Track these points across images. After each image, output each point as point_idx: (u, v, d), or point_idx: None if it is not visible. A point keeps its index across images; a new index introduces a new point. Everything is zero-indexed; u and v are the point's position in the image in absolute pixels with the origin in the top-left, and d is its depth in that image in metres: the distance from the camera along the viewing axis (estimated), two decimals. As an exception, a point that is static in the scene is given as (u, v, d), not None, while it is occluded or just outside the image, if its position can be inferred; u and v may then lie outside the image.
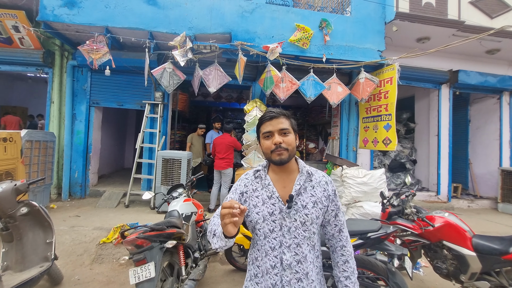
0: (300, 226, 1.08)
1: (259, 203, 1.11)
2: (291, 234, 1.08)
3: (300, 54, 5.07)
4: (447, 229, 2.58)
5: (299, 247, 1.07)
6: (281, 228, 1.08)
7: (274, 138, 1.09)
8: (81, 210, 4.86)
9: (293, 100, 9.81)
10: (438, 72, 6.22)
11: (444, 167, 6.46)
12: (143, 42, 4.68)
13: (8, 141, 3.59)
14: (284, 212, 1.08)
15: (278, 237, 1.08)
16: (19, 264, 2.40)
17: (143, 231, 2.03)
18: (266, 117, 1.12)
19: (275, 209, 1.09)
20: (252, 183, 1.16)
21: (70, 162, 5.50)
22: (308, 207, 1.10)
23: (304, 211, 1.09)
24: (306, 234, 1.08)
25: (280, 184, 1.14)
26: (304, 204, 1.10)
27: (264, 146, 1.12)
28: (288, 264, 1.06)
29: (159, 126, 5.55)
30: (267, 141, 1.11)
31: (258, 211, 1.11)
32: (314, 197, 1.12)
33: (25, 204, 2.44)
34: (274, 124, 1.10)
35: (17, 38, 5.02)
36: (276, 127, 1.10)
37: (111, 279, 3.00)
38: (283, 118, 1.12)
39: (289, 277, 1.06)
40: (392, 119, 5.18)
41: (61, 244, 3.53)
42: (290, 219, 1.08)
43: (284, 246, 1.07)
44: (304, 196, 1.11)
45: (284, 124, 1.11)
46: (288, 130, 1.11)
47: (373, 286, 2.24)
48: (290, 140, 1.10)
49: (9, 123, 7.60)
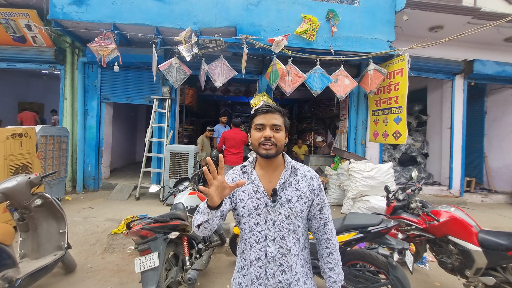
0: (284, 220, 1.10)
1: (245, 197, 1.14)
2: (275, 227, 1.10)
3: (306, 47, 5.00)
4: (452, 223, 2.54)
5: (283, 240, 1.10)
6: (266, 222, 1.11)
7: (265, 132, 1.10)
8: (94, 202, 5.06)
9: (300, 93, 9.73)
10: (451, 62, 5.98)
11: (457, 160, 6.27)
12: (149, 38, 4.74)
13: (23, 137, 3.76)
14: (269, 206, 1.11)
15: (263, 230, 1.11)
16: (35, 252, 2.55)
17: (147, 222, 2.12)
18: (262, 110, 1.13)
19: (260, 203, 1.11)
20: (239, 178, 1.19)
21: (83, 156, 5.71)
22: (293, 201, 1.12)
23: (288, 205, 1.11)
24: (290, 227, 1.11)
25: (266, 179, 1.16)
26: (288, 198, 1.12)
27: (253, 137, 1.14)
28: (272, 257, 1.09)
29: (167, 120, 5.65)
30: (257, 133, 1.12)
31: (244, 205, 1.13)
32: (299, 191, 1.14)
33: (39, 196, 2.57)
34: (268, 118, 1.12)
35: (30, 36, 5.19)
36: (269, 122, 1.11)
37: (121, 267, 3.14)
38: (278, 115, 1.14)
39: (273, 270, 1.09)
40: (402, 111, 5.05)
41: (75, 234, 3.72)
42: (275, 212, 1.11)
43: (269, 239, 1.10)
44: (289, 190, 1.13)
45: (277, 120, 1.12)
46: (280, 128, 1.13)
47: (374, 280, 2.25)
48: (280, 137, 1.12)
49: (25, 119, 7.92)
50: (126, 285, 2.78)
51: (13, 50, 5.40)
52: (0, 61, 5.56)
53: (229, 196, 1.17)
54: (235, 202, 1.16)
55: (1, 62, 5.58)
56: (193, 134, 8.75)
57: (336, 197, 5.48)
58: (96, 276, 2.94)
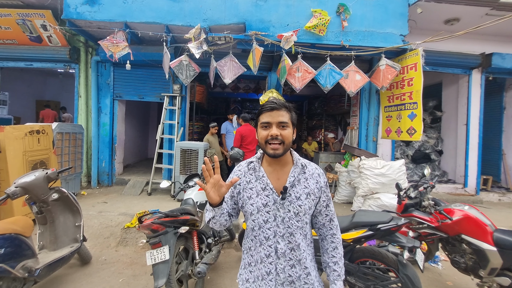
0: (293, 217, 1.10)
1: (253, 194, 1.13)
2: (284, 224, 1.10)
3: (316, 42, 4.93)
4: (466, 222, 2.47)
5: (292, 236, 1.11)
6: (275, 219, 1.11)
7: (272, 130, 1.08)
8: (108, 197, 5.22)
9: (311, 90, 9.62)
10: (468, 56, 5.76)
11: (473, 158, 6.07)
12: (160, 36, 4.80)
13: (41, 133, 3.91)
14: (278, 203, 1.11)
15: (273, 227, 1.11)
16: (53, 244, 2.67)
17: (158, 217, 2.17)
18: (267, 108, 1.11)
19: (269, 200, 1.11)
20: (246, 175, 1.18)
21: (97, 152, 5.88)
22: (302, 199, 1.12)
23: (297, 202, 1.11)
24: (299, 224, 1.11)
25: (274, 176, 1.15)
26: (297, 195, 1.12)
27: (260, 135, 1.12)
28: (282, 253, 1.10)
29: (177, 117, 5.73)
30: (264, 132, 1.10)
31: (252, 203, 1.13)
32: (308, 189, 1.13)
33: (56, 191, 2.67)
34: (273, 115, 1.09)
35: (45, 36, 5.36)
36: (275, 119, 1.09)
37: (134, 260, 3.24)
38: (284, 111, 1.11)
39: (283, 265, 1.10)
40: (418, 107, 4.91)
41: (90, 228, 3.85)
42: (284, 210, 1.11)
43: (278, 236, 1.11)
44: (298, 188, 1.13)
45: (284, 117, 1.09)
46: (287, 124, 1.10)
47: (383, 277, 2.23)
48: (288, 134, 1.10)
49: (46, 116, 8.23)
50: (139, 277, 2.86)
51: (30, 49, 5.60)
52: (19, 60, 5.79)
53: (233, 195, 1.18)
54: (242, 199, 1.16)
55: (19, 62, 5.81)
56: (203, 131, 8.83)
57: (346, 194, 5.43)
58: (111, 268, 3.04)
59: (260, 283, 1.12)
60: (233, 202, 1.19)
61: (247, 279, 1.17)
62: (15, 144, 3.55)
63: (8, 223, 2.18)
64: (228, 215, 1.17)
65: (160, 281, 1.99)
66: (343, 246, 2.33)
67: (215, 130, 6.06)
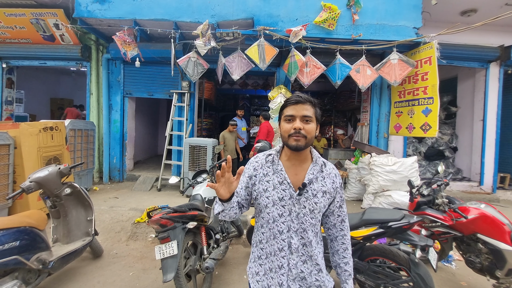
0: (308, 213, 1.11)
1: (269, 187, 1.13)
2: (299, 219, 1.11)
3: (326, 36, 4.84)
4: (482, 221, 2.38)
5: (305, 232, 1.11)
6: (290, 214, 1.11)
7: (295, 123, 1.07)
8: (119, 192, 5.32)
9: (320, 86, 9.51)
10: (486, 48, 5.52)
11: (490, 155, 5.85)
12: (168, 33, 4.82)
13: (54, 130, 4.01)
14: (295, 199, 1.11)
15: (287, 221, 1.11)
16: (66, 237, 2.74)
17: (167, 212, 2.19)
18: (292, 101, 1.10)
19: (286, 195, 1.11)
20: (263, 167, 1.17)
21: (109, 148, 6.00)
22: (318, 196, 1.12)
23: (314, 200, 1.11)
24: (312, 221, 1.12)
25: (292, 171, 1.15)
26: (314, 193, 1.12)
27: (283, 128, 1.11)
28: (296, 248, 1.11)
29: (186, 114, 5.77)
30: (287, 125, 1.10)
31: (268, 195, 1.13)
32: (324, 188, 1.14)
33: (69, 186, 2.73)
34: (298, 109, 1.09)
35: (58, 35, 5.48)
36: (299, 113, 1.08)
37: (144, 254, 3.29)
38: (309, 105, 1.10)
39: (295, 260, 1.11)
40: (434, 102, 4.76)
41: (102, 222, 3.94)
42: (299, 205, 1.11)
43: (292, 231, 1.11)
44: (315, 186, 1.13)
45: (308, 111, 1.09)
46: (311, 119, 1.09)
47: (394, 276, 2.18)
48: (311, 128, 1.09)
49: (70, 113, 8.46)
50: (149, 271, 2.91)
51: (44, 48, 5.74)
52: (33, 59, 5.95)
53: (248, 186, 1.18)
54: (257, 191, 1.16)
55: (34, 60, 5.97)
56: (212, 127, 8.87)
57: (356, 191, 5.34)
58: (121, 261, 3.11)
59: (272, 275, 1.13)
60: (247, 193, 1.18)
61: (257, 272, 1.18)
62: (30, 140, 3.65)
63: (23, 217, 2.25)
64: (238, 207, 1.16)
65: (169, 275, 2.01)
66: (352, 244, 2.31)
67: (233, 128, 5.91)
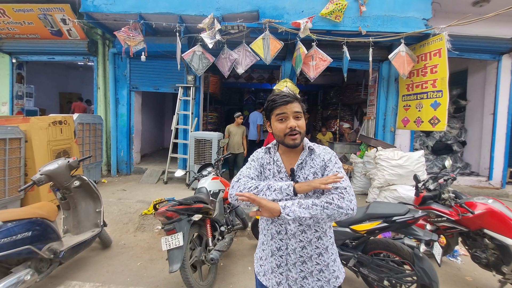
0: (302, 197, 1.13)
1: (270, 175, 1.23)
2: None
3: (332, 29, 4.76)
4: (489, 216, 2.36)
5: None
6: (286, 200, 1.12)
7: (289, 122, 1.14)
8: (127, 185, 5.42)
9: (326, 79, 9.40)
10: (498, 40, 5.34)
11: (499, 149, 5.73)
12: (173, 27, 4.81)
13: (63, 124, 4.09)
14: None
15: None
16: (76, 228, 2.82)
17: (172, 204, 2.23)
18: (281, 102, 1.16)
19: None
20: (264, 158, 1.28)
21: (116, 142, 6.09)
22: (309, 179, 1.17)
23: None
24: None
25: (287, 161, 1.24)
26: (305, 176, 1.18)
27: (277, 128, 1.17)
28: (292, 234, 1.15)
29: (192, 108, 5.79)
30: (280, 124, 1.16)
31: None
32: (313, 168, 1.19)
33: (77, 178, 2.81)
34: (289, 108, 1.16)
35: (65, 30, 5.53)
36: (291, 111, 1.15)
37: (151, 245, 3.37)
38: (297, 103, 1.17)
39: (294, 246, 1.16)
40: (443, 96, 4.65)
41: (110, 214, 4.03)
42: None
43: None
44: (305, 169, 1.19)
45: (298, 108, 1.17)
46: (301, 114, 1.18)
47: (398, 270, 2.18)
48: (303, 124, 1.18)
49: (77, 108, 8.62)
50: (156, 261, 2.98)
51: (52, 43, 5.81)
52: (41, 54, 6.04)
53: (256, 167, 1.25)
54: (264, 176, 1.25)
55: (42, 55, 6.05)
56: (217, 121, 8.89)
57: (362, 185, 5.32)
58: (129, 252, 3.19)
59: (270, 259, 1.19)
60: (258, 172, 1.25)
61: (260, 257, 1.26)
62: (40, 134, 3.74)
63: (34, 208, 2.32)
64: None
65: (175, 266, 2.06)
66: (356, 238, 2.32)
67: (240, 119, 5.60)
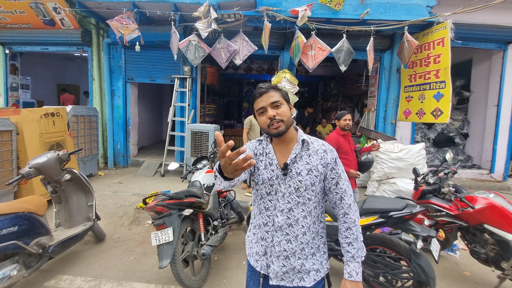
0: (294, 192, 1.15)
1: (261, 167, 1.21)
2: (285, 199, 1.16)
3: (332, 17, 4.59)
4: (490, 211, 2.29)
5: (291, 211, 1.15)
6: (276, 193, 1.17)
7: (268, 113, 1.14)
8: (123, 178, 5.38)
9: (326, 70, 9.22)
10: (505, 28, 5.14)
11: (502, 142, 5.61)
12: (168, 15, 4.65)
13: (55, 116, 4.01)
14: (280, 179, 1.16)
15: (273, 200, 1.18)
16: (68, 222, 2.78)
17: (162, 199, 2.16)
18: (257, 94, 1.18)
19: (273, 175, 1.17)
20: (256, 149, 1.26)
21: (112, 134, 6.02)
22: (302, 174, 1.14)
23: (298, 178, 1.14)
24: (300, 199, 1.15)
25: (280, 153, 1.21)
26: (298, 171, 1.15)
27: (260, 122, 1.18)
28: (279, 226, 1.16)
29: (188, 100, 5.68)
30: (262, 117, 1.17)
31: (259, 174, 1.21)
32: (309, 165, 1.15)
33: (68, 171, 2.74)
34: (265, 99, 1.15)
35: (58, 19, 5.37)
36: (267, 102, 1.15)
37: (145, 239, 3.34)
38: (273, 92, 1.16)
39: (279, 238, 1.17)
40: (446, 86, 4.51)
41: (105, 207, 4.00)
42: (285, 185, 1.16)
43: (277, 210, 1.17)
44: (299, 164, 1.16)
45: (274, 97, 1.15)
46: (280, 102, 1.15)
47: (394, 266, 2.13)
48: (284, 111, 1.15)
49: (67, 100, 8.53)
50: (149, 255, 2.95)
51: (45, 33, 5.66)
52: (35, 44, 5.90)
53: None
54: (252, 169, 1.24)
55: (35, 46, 5.92)
56: (216, 113, 8.79)
57: (361, 178, 5.23)
58: (123, 245, 3.16)
59: (255, 244, 1.25)
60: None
61: (251, 240, 1.30)
62: (32, 126, 3.66)
63: (21, 202, 2.27)
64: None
65: (164, 262, 2.01)
66: None
67: None
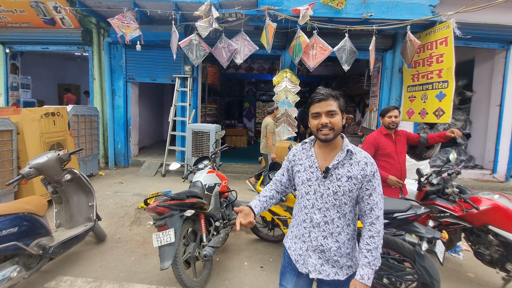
0: (331, 195, 1.24)
1: (301, 169, 1.33)
2: (322, 199, 1.26)
3: (334, 16, 4.56)
4: (495, 212, 2.26)
5: (328, 211, 1.26)
6: (315, 193, 1.27)
7: (321, 119, 1.21)
8: (124, 178, 5.36)
9: (328, 69, 9.19)
10: (508, 28, 5.11)
11: (505, 142, 5.58)
12: (169, 14, 4.63)
13: (56, 115, 3.99)
14: (320, 180, 1.26)
15: (311, 199, 1.28)
16: (68, 222, 2.76)
17: (164, 200, 2.14)
18: (315, 99, 1.23)
19: (313, 177, 1.28)
20: (299, 153, 1.38)
21: (113, 134, 6.00)
22: (342, 180, 1.23)
23: (337, 183, 1.23)
24: (336, 202, 1.24)
25: (322, 157, 1.30)
26: (338, 177, 1.24)
27: (311, 124, 1.27)
28: (317, 223, 1.27)
29: (189, 99, 5.66)
30: (314, 121, 1.24)
31: (299, 176, 1.33)
32: (350, 173, 1.23)
33: (68, 172, 2.72)
34: (322, 106, 1.21)
35: (58, 18, 5.35)
36: (323, 109, 1.21)
37: (146, 239, 3.31)
38: (332, 100, 1.22)
39: (316, 234, 1.28)
40: (449, 86, 4.49)
41: (106, 207, 3.98)
42: (324, 187, 1.25)
43: (315, 208, 1.28)
44: (340, 171, 1.24)
45: (332, 106, 1.21)
46: (336, 112, 1.21)
47: (398, 268, 2.10)
48: (337, 121, 1.21)
49: (70, 100, 8.53)
50: (150, 256, 2.93)
51: (45, 32, 5.64)
52: (35, 44, 5.88)
53: (288, 168, 1.42)
54: (294, 173, 1.38)
55: (36, 45, 5.90)
56: (217, 113, 8.76)
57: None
58: (124, 246, 3.14)
59: (296, 240, 1.37)
60: (288, 175, 1.43)
61: (287, 236, 1.45)
62: (32, 126, 3.64)
63: (21, 203, 2.25)
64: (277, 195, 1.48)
65: (166, 263, 1.99)
66: None
67: (277, 111, 5.06)
